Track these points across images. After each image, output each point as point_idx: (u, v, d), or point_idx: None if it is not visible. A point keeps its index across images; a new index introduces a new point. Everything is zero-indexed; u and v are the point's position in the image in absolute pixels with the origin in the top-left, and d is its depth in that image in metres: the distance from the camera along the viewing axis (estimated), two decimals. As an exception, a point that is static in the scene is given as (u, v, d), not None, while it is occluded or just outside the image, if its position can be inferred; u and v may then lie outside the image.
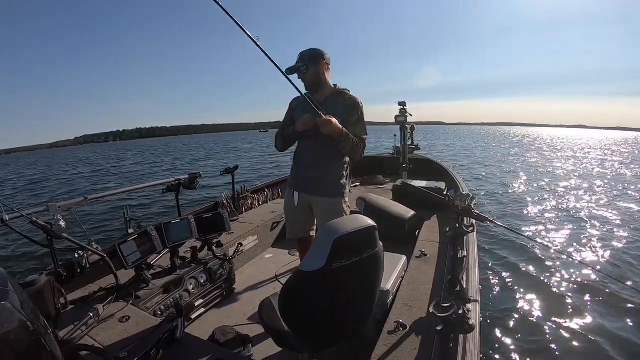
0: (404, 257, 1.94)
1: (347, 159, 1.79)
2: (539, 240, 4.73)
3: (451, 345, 1.17)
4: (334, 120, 1.57)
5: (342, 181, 1.77)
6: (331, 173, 1.75)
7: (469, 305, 1.19)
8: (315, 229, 1.93)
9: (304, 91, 1.72)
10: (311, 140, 1.72)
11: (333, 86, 1.77)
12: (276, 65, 1.63)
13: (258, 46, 1.60)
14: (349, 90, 1.76)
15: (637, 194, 7.67)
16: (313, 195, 1.78)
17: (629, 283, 3.38)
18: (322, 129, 1.57)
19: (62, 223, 1.51)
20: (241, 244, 2.40)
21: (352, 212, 1.83)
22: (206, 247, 2.09)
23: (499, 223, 1.35)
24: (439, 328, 1.19)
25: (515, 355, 2.33)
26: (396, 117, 4.17)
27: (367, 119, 1.73)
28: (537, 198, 7.41)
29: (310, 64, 1.68)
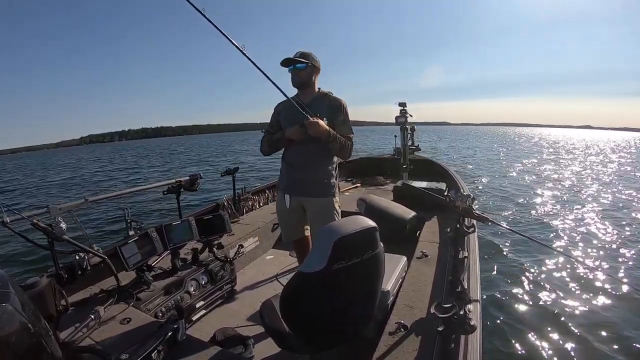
0: (405, 258, 1.94)
1: (336, 158, 1.83)
2: (540, 240, 4.72)
3: (452, 345, 1.17)
4: (322, 122, 1.62)
5: (332, 181, 1.80)
6: (320, 174, 1.77)
7: (470, 306, 1.19)
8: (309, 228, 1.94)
9: (290, 94, 1.76)
10: (300, 143, 1.73)
11: (318, 90, 1.82)
12: (263, 73, 1.65)
13: (244, 55, 1.62)
14: (332, 93, 1.82)
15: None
16: (304, 197, 1.80)
17: (630, 282, 3.37)
18: (309, 130, 1.61)
19: (63, 225, 1.51)
20: (242, 246, 2.40)
21: (352, 214, 1.84)
22: (207, 249, 2.09)
23: (499, 223, 1.35)
24: (440, 329, 1.19)
25: (517, 356, 2.33)
26: (396, 117, 4.18)
27: (369, 119, 1.75)
28: (544, 200, 7.40)
29: (310, 65, 1.73)
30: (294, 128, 1.69)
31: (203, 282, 1.96)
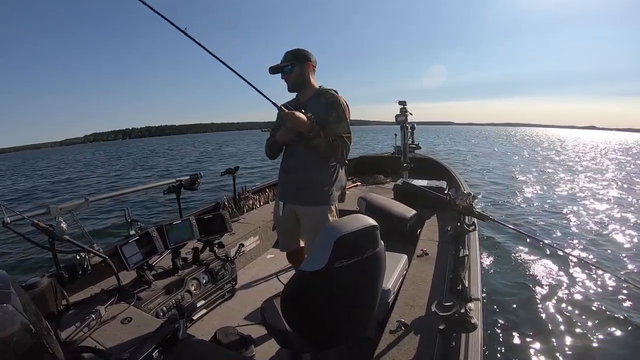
0: (405, 257, 1.94)
1: (335, 163, 1.62)
2: (541, 238, 4.72)
3: (453, 344, 1.17)
4: (299, 113, 1.45)
5: (326, 188, 1.59)
6: (315, 180, 1.59)
7: (471, 304, 1.19)
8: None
9: (283, 96, 1.64)
10: (293, 146, 1.61)
11: (318, 87, 1.66)
12: (248, 82, 1.54)
13: (229, 68, 1.49)
14: (336, 91, 1.64)
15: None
16: (297, 204, 1.65)
17: (633, 281, 3.37)
18: (287, 123, 1.48)
19: (64, 225, 1.51)
20: (242, 245, 2.40)
21: (353, 212, 1.84)
22: (207, 248, 2.09)
23: (500, 222, 1.35)
24: (441, 327, 1.19)
25: (518, 354, 2.33)
26: (396, 116, 4.17)
27: (373, 118, 1.67)
28: (544, 197, 7.39)
29: (296, 64, 1.58)
30: (281, 129, 1.58)
31: (204, 282, 1.96)
